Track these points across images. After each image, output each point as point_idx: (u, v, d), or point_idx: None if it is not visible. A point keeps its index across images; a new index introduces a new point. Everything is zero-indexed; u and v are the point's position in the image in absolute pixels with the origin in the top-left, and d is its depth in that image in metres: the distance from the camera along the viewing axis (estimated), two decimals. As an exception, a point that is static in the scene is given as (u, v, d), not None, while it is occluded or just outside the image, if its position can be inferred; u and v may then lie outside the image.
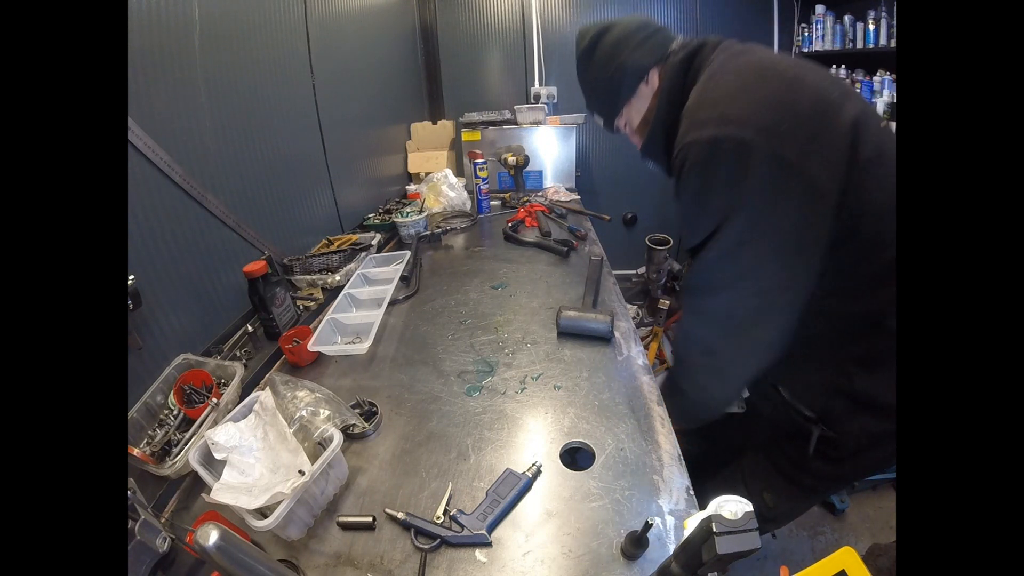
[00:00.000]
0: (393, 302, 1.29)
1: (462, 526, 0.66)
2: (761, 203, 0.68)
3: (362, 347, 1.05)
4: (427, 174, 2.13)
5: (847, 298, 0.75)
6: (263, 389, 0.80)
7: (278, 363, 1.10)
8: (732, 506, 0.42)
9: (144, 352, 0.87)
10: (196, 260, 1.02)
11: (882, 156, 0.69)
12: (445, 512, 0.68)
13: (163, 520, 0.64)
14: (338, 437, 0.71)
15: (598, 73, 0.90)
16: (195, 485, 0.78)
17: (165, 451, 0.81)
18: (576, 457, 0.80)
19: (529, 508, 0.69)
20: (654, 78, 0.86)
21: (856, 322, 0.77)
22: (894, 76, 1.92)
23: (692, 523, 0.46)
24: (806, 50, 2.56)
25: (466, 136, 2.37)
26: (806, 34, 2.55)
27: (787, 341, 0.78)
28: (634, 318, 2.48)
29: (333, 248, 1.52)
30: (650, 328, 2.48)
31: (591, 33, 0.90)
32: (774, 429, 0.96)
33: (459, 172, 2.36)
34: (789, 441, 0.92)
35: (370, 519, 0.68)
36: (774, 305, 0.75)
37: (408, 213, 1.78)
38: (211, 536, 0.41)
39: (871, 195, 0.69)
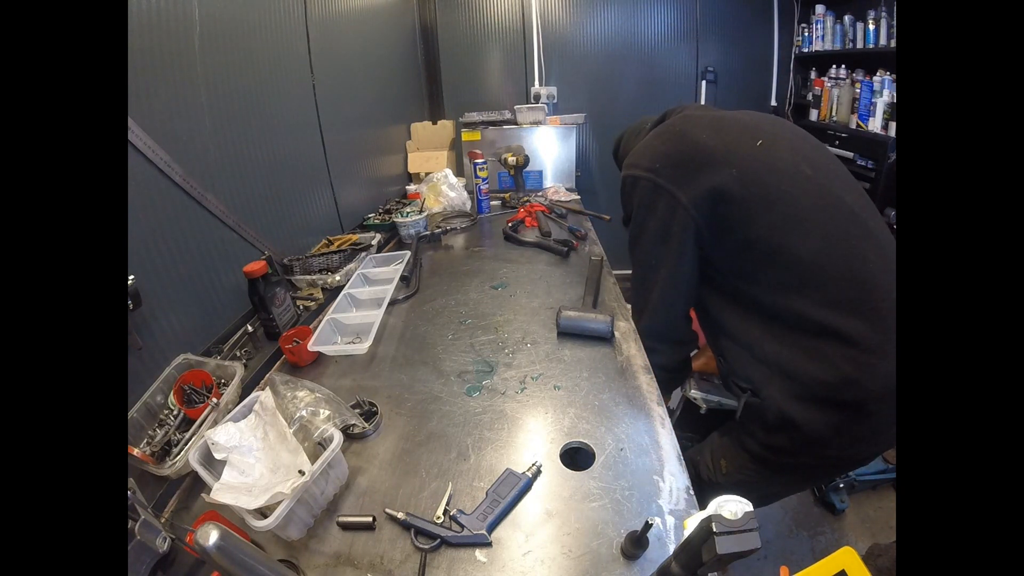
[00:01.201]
0: (393, 302, 1.29)
1: (462, 526, 0.66)
2: (641, 207, 0.98)
3: (362, 347, 1.05)
4: (427, 174, 2.13)
5: (759, 291, 0.88)
6: (263, 389, 0.80)
7: (278, 363, 1.10)
8: (732, 506, 0.42)
9: (144, 352, 0.87)
10: (196, 260, 1.02)
11: (749, 200, 0.87)
12: (445, 512, 0.68)
13: (163, 520, 0.64)
14: (338, 437, 0.71)
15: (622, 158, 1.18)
16: (195, 485, 0.78)
17: (165, 451, 0.81)
18: (576, 457, 0.80)
19: (529, 508, 0.69)
20: None
21: (766, 309, 0.89)
22: (894, 76, 1.92)
23: (692, 523, 0.46)
24: (806, 50, 2.57)
25: (466, 136, 2.37)
26: (806, 34, 2.55)
27: (679, 305, 1.01)
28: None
29: (333, 248, 1.52)
30: (650, 328, 2.48)
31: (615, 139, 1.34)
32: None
33: (459, 172, 2.36)
34: (749, 414, 0.98)
35: (370, 519, 0.68)
36: (654, 273, 0.99)
37: (408, 213, 1.78)
38: (211, 536, 0.41)
39: (751, 223, 0.86)
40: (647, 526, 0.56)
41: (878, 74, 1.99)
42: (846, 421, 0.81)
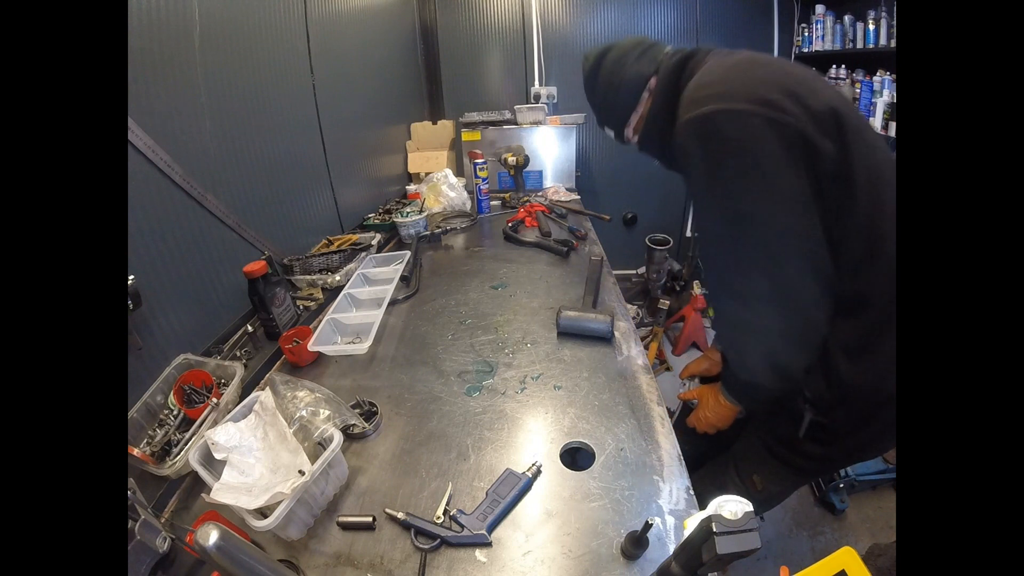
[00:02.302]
0: (393, 302, 1.29)
1: (462, 526, 0.66)
2: (769, 165, 0.70)
3: (362, 347, 1.05)
4: (427, 174, 2.13)
5: (840, 277, 0.76)
6: (263, 389, 0.80)
7: (278, 363, 1.10)
8: (732, 506, 0.42)
9: (144, 352, 0.87)
10: (196, 260, 1.02)
11: (862, 133, 0.74)
12: (445, 512, 0.68)
13: (163, 520, 0.64)
14: (338, 437, 0.71)
15: (604, 90, 0.97)
16: (195, 485, 0.78)
17: (165, 451, 0.81)
18: (576, 457, 0.80)
19: (529, 508, 0.70)
20: (654, 84, 0.92)
21: (845, 302, 0.77)
22: (894, 76, 1.92)
23: (692, 523, 0.46)
24: (806, 50, 2.56)
25: (466, 136, 2.37)
26: (806, 34, 2.55)
27: (811, 291, 0.75)
28: (634, 318, 2.48)
29: (333, 248, 1.52)
30: (650, 328, 2.48)
31: (593, 56, 0.98)
32: (768, 413, 0.97)
33: (459, 172, 2.36)
34: (782, 422, 0.93)
35: (370, 519, 0.68)
36: (785, 254, 0.73)
37: (408, 213, 1.78)
38: (211, 536, 0.42)
39: (858, 171, 0.72)
40: (647, 526, 0.56)
41: (878, 74, 1.99)
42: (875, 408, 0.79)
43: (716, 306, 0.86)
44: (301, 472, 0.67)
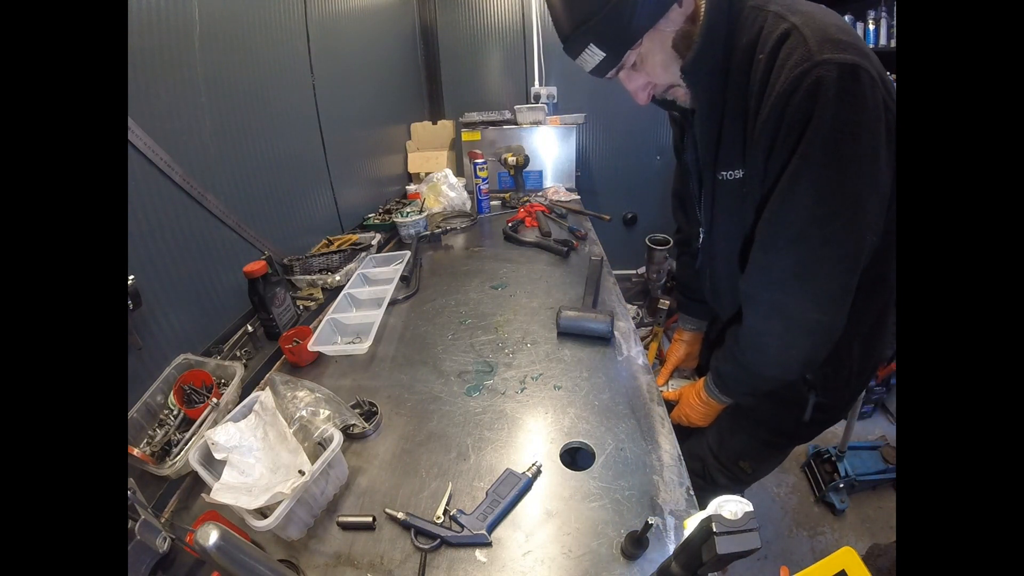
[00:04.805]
0: (393, 302, 1.29)
1: (462, 526, 0.66)
2: (883, 152, 0.62)
3: (362, 347, 1.05)
4: (427, 174, 2.13)
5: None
6: (263, 389, 0.80)
7: (278, 363, 1.10)
8: (732, 506, 0.42)
9: (144, 352, 0.87)
10: (196, 260, 1.02)
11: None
12: (445, 512, 0.68)
13: (163, 520, 0.64)
14: (338, 437, 0.71)
15: None
16: (195, 485, 0.78)
17: (165, 451, 0.81)
18: (576, 457, 0.80)
19: (529, 508, 0.69)
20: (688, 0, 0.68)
21: (867, 285, 0.72)
22: (894, 76, 1.92)
23: (692, 523, 0.46)
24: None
25: (466, 136, 2.37)
26: (806, 34, 2.54)
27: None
28: (634, 318, 2.48)
29: (333, 248, 1.52)
30: (650, 328, 2.48)
31: None
32: (773, 404, 0.94)
33: (459, 172, 2.36)
34: (782, 413, 0.93)
35: (370, 519, 0.68)
36: (862, 212, 0.65)
37: (408, 213, 1.78)
38: (211, 536, 0.42)
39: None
40: (647, 526, 0.56)
41: (878, 74, 1.99)
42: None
43: (766, 297, 0.75)
44: (301, 472, 0.67)
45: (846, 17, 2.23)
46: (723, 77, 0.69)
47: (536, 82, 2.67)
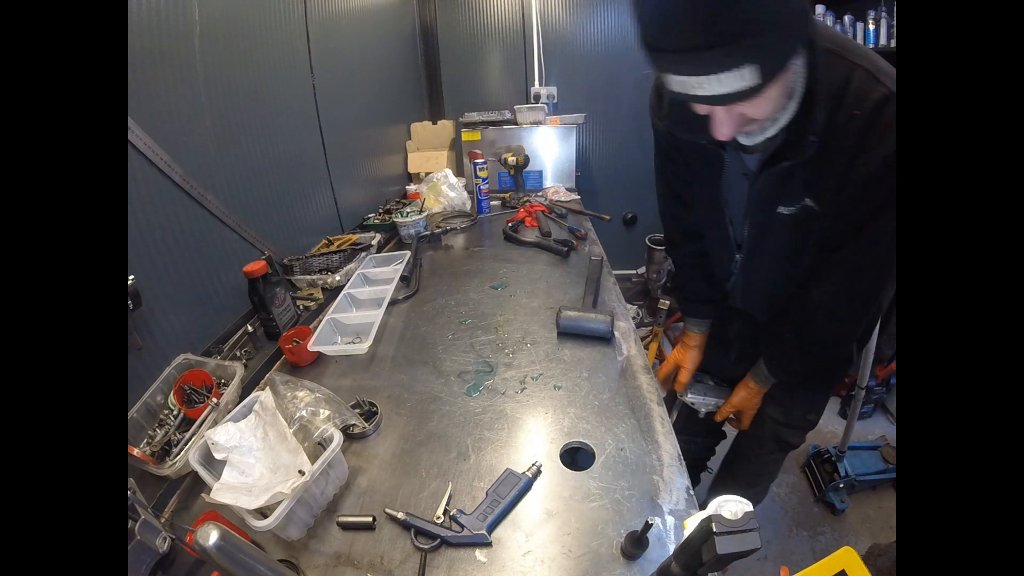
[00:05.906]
0: (393, 302, 1.29)
1: (462, 526, 0.66)
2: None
3: (362, 347, 1.05)
4: (427, 174, 2.13)
5: None
6: (263, 389, 0.80)
7: (278, 363, 1.10)
8: (732, 506, 0.42)
9: (144, 352, 0.87)
10: (196, 260, 1.02)
11: None
12: (445, 512, 0.68)
13: (163, 520, 0.64)
14: (338, 437, 0.71)
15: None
16: (195, 485, 0.78)
17: (165, 451, 0.81)
18: (576, 457, 0.80)
19: (529, 508, 0.70)
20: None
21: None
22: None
23: (692, 523, 0.46)
24: (806, 50, 2.56)
25: (466, 136, 2.37)
26: (806, 34, 2.54)
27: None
28: (634, 318, 2.48)
29: (333, 248, 1.52)
30: (650, 328, 2.48)
31: None
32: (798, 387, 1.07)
33: (459, 172, 2.36)
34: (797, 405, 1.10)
35: (370, 519, 0.68)
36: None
37: (408, 213, 1.78)
38: (211, 536, 0.42)
39: None
40: (647, 526, 0.56)
41: (878, 74, 1.98)
42: None
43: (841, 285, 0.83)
44: (301, 472, 0.67)
45: (846, 17, 2.23)
46: (803, 119, 0.67)
47: (536, 82, 2.67)
